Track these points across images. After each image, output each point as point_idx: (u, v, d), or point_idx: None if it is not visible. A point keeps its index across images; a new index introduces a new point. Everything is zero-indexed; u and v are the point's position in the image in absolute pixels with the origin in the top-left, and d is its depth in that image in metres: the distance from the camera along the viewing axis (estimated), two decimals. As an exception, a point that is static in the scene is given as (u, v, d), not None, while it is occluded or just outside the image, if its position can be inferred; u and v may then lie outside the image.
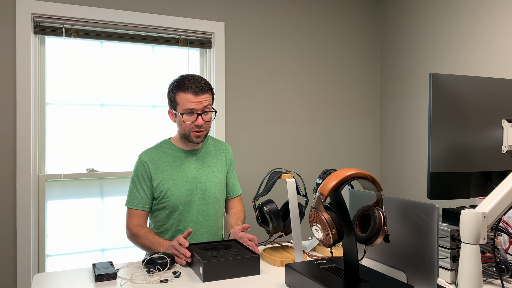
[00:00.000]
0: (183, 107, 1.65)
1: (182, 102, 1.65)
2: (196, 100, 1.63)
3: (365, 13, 3.04)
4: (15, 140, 2.16)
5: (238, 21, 2.65)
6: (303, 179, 2.79)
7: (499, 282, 1.23)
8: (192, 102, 1.63)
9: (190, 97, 1.63)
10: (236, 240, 1.55)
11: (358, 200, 1.35)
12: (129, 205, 1.71)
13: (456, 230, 1.24)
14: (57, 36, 2.26)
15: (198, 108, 1.64)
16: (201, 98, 1.64)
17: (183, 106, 1.65)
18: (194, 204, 1.72)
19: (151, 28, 2.43)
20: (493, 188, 1.30)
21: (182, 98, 1.64)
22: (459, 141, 1.27)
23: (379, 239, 1.07)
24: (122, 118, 2.45)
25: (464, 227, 1.00)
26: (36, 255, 2.23)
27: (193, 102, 1.63)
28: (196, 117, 1.64)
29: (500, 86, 1.33)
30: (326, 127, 2.92)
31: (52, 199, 2.30)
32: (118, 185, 2.43)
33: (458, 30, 2.41)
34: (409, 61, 2.78)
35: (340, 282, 1.07)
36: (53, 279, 1.29)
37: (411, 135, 2.76)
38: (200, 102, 1.64)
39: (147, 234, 1.63)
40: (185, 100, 1.64)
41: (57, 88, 2.31)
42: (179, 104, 1.66)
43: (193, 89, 1.63)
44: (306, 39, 2.85)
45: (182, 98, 1.64)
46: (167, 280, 1.26)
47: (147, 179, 1.70)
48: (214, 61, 2.57)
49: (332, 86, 2.94)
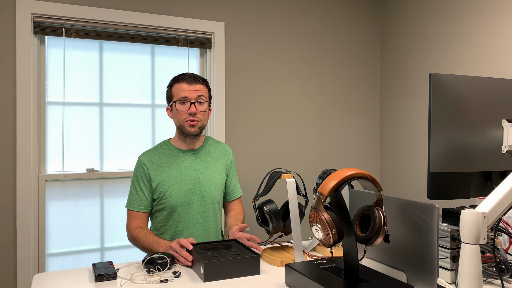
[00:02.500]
0: (177, 96, 1.70)
1: (176, 93, 1.71)
2: (189, 89, 1.69)
3: (365, 13, 3.04)
4: (15, 140, 2.16)
5: (238, 21, 2.65)
6: (303, 179, 2.79)
7: (499, 282, 1.23)
8: (185, 91, 1.69)
9: (183, 86, 1.70)
10: (236, 240, 1.55)
11: (358, 200, 1.35)
12: (129, 207, 1.72)
13: (456, 230, 1.24)
14: (57, 36, 2.26)
15: (191, 96, 1.69)
16: (195, 87, 1.70)
17: (177, 96, 1.71)
18: (193, 205, 1.72)
19: (151, 28, 2.43)
20: (493, 188, 1.30)
21: (177, 88, 1.71)
22: (459, 141, 1.27)
23: (379, 239, 1.07)
24: (122, 118, 2.46)
25: (464, 227, 1.00)
26: (36, 255, 2.23)
27: (186, 90, 1.69)
28: (190, 105, 1.69)
29: (500, 86, 1.33)
30: (326, 127, 2.92)
31: (52, 199, 2.30)
32: (118, 185, 2.43)
33: (458, 30, 2.41)
34: (409, 61, 2.78)
35: (340, 282, 1.07)
36: (53, 279, 1.29)
37: (411, 135, 2.76)
38: (193, 91, 1.69)
39: (146, 235, 1.62)
40: (179, 89, 1.70)
41: (57, 88, 2.31)
42: (174, 95, 1.72)
43: (187, 78, 1.71)
44: (306, 39, 2.85)
45: (177, 89, 1.71)
46: (167, 280, 1.26)
47: (146, 181, 1.71)
48: (214, 61, 2.57)
49: (332, 86, 2.94)
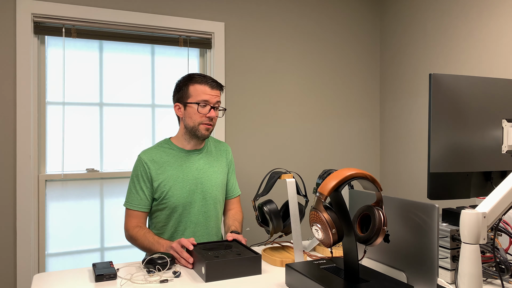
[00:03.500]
0: (198, 98, 1.68)
1: (197, 94, 1.68)
2: (212, 93, 1.69)
3: (365, 13, 3.04)
4: (15, 140, 2.16)
5: (238, 21, 2.65)
6: (303, 179, 2.79)
7: (499, 282, 1.23)
8: (208, 94, 1.68)
9: (206, 89, 1.69)
10: (236, 240, 1.55)
11: (358, 200, 1.35)
12: (127, 206, 1.70)
13: (456, 230, 1.24)
14: (57, 36, 2.26)
15: (212, 101, 1.69)
16: (216, 93, 1.71)
17: (198, 97, 1.68)
18: (194, 205, 1.72)
19: (151, 28, 2.43)
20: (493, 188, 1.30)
21: (198, 89, 1.69)
22: (459, 141, 1.27)
23: (379, 239, 1.07)
24: (122, 118, 2.45)
25: (464, 227, 1.00)
26: (36, 255, 2.23)
27: (209, 94, 1.68)
28: (210, 109, 1.69)
29: (500, 86, 1.33)
30: (326, 127, 2.92)
31: (52, 199, 2.30)
32: (118, 185, 2.43)
33: (458, 30, 2.41)
34: (409, 61, 2.78)
35: (340, 282, 1.07)
36: (53, 279, 1.29)
37: (411, 135, 2.76)
38: (214, 96, 1.70)
39: (146, 234, 1.61)
40: (201, 91, 1.68)
41: (57, 88, 2.31)
42: (193, 96, 1.69)
43: (210, 82, 1.70)
44: (306, 39, 2.85)
45: (198, 90, 1.68)
46: (167, 280, 1.26)
47: (147, 180, 1.69)
48: (214, 61, 2.57)
49: (332, 86, 2.94)
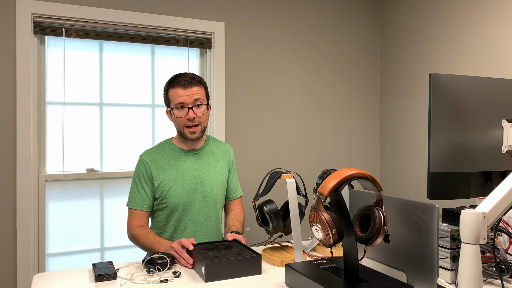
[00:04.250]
0: (174, 102, 1.68)
1: (173, 98, 1.68)
2: (185, 94, 1.66)
3: (365, 13, 3.04)
4: (15, 140, 2.16)
5: (238, 21, 2.65)
6: (303, 179, 2.79)
7: (499, 282, 1.23)
8: (181, 96, 1.66)
9: (179, 91, 1.66)
10: (236, 240, 1.55)
11: (358, 200, 1.35)
12: (130, 206, 1.72)
13: (456, 230, 1.24)
14: (57, 36, 2.26)
15: (188, 101, 1.66)
16: (190, 91, 1.66)
17: (174, 102, 1.68)
18: (194, 205, 1.72)
19: (151, 28, 2.43)
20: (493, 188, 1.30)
21: (173, 93, 1.68)
22: (459, 141, 1.27)
23: (379, 239, 1.07)
24: (122, 118, 2.45)
25: (464, 227, 1.00)
26: (36, 255, 2.23)
27: (182, 96, 1.66)
28: (187, 111, 1.66)
29: (500, 86, 1.33)
30: (326, 127, 2.92)
31: (52, 199, 2.30)
32: (118, 185, 2.43)
33: (458, 30, 2.41)
34: (409, 61, 2.78)
35: (340, 282, 1.07)
36: (53, 279, 1.29)
37: (411, 135, 2.76)
38: (189, 96, 1.66)
39: (147, 234, 1.62)
40: (175, 95, 1.67)
41: (57, 88, 2.31)
42: (171, 100, 1.69)
43: (182, 82, 1.66)
44: (306, 39, 2.85)
45: (173, 94, 1.68)
46: (167, 280, 1.26)
47: (148, 180, 1.70)
48: (214, 61, 2.57)
49: (332, 86, 2.94)
